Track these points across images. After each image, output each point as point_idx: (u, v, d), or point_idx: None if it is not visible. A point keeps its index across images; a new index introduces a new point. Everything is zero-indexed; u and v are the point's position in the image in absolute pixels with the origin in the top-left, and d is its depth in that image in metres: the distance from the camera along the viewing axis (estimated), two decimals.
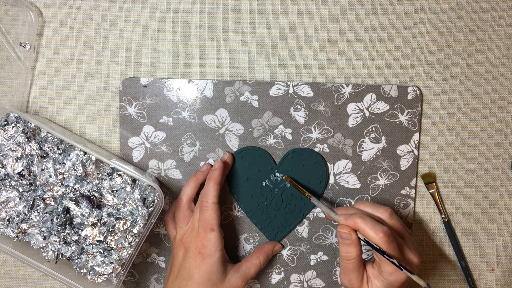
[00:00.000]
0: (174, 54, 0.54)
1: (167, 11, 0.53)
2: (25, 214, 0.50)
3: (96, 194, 0.50)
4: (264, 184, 0.54)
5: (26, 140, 0.49)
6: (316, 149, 0.54)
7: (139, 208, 0.50)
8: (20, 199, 0.50)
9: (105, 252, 0.50)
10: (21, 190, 0.50)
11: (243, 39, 0.54)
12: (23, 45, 0.53)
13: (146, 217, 0.50)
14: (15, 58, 0.54)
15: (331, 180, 0.55)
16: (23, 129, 0.50)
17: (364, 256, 0.55)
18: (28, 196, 0.50)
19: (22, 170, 0.50)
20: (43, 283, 0.57)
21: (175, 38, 0.54)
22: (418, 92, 0.53)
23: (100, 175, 0.51)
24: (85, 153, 0.50)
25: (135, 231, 0.50)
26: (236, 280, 0.50)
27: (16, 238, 0.51)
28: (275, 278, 0.56)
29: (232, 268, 0.50)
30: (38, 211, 0.50)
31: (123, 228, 0.49)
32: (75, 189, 0.49)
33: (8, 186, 0.50)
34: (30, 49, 0.53)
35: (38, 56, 0.54)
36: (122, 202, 0.50)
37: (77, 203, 0.49)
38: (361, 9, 0.53)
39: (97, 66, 0.54)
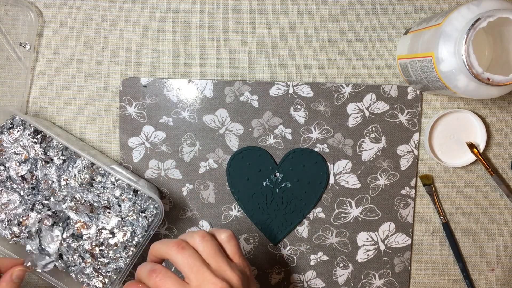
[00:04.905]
0: (174, 54, 0.54)
1: (167, 11, 0.53)
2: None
3: (96, 204, 0.49)
4: (264, 184, 0.54)
5: (32, 143, 0.49)
6: (316, 149, 0.54)
7: (139, 219, 0.49)
8: (20, 202, 0.50)
9: (102, 261, 0.50)
10: (22, 193, 0.50)
11: (243, 39, 0.54)
12: (23, 45, 0.53)
13: (146, 228, 0.49)
14: (15, 58, 0.54)
15: (331, 180, 0.55)
16: (30, 132, 0.49)
17: (364, 256, 0.55)
18: (29, 200, 0.50)
19: (25, 173, 0.49)
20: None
21: (175, 38, 0.54)
22: (418, 92, 0.53)
23: (102, 184, 0.50)
24: (89, 162, 0.50)
25: (134, 242, 0.49)
26: None
27: (11, 241, 0.50)
28: (275, 278, 0.56)
29: None
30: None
31: (123, 239, 0.49)
32: (76, 197, 0.49)
33: (9, 189, 0.50)
34: (30, 49, 0.53)
35: (38, 56, 0.54)
36: (123, 212, 0.50)
37: (77, 211, 0.49)
38: (361, 9, 0.53)
39: (97, 66, 0.54)
